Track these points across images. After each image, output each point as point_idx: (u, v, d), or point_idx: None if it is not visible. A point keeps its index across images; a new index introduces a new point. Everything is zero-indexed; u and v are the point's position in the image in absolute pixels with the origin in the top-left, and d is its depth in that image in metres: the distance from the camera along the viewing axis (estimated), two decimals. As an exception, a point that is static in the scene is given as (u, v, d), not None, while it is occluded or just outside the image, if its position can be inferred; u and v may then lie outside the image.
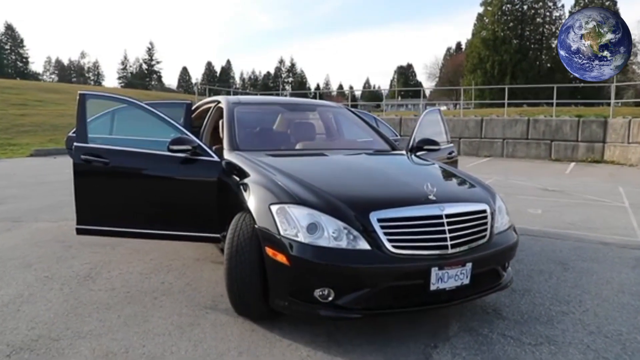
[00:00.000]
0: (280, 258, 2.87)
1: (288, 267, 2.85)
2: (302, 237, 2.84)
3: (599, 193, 9.35)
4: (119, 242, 5.02)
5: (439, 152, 5.09)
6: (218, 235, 3.95)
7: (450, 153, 5.66)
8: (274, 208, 3.01)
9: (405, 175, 3.79)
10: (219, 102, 4.97)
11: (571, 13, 52.64)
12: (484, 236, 3.18)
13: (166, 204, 4.08)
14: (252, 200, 3.23)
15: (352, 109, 5.57)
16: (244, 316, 3.30)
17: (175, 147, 3.88)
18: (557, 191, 9.62)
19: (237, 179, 3.64)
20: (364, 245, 2.83)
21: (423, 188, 3.16)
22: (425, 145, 4.74)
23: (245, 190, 3.40)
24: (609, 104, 22.10)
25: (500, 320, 3.40)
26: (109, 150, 4.09)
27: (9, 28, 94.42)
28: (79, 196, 4.08)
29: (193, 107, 5.87)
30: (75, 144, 4.09)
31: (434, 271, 2.88)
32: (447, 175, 3.86)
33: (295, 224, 2.89)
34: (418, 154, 4.66)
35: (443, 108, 36.79)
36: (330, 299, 2.84)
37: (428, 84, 78.07)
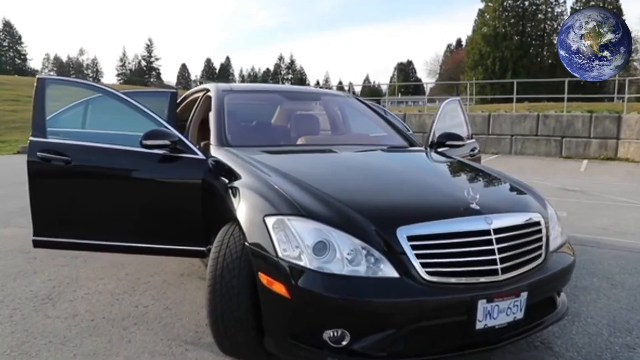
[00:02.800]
0: (278, 288, 2.16)
1: (288, 301, 2.14)
2: (307, 261, 2.14)
3: (623, 193, 8.65)
4: (92, 253, 4.32)
5: (461, 149, 4.40)
6: (203, 249, 3.25)
7: (472, 150, 4.96)
8: (269, 221, 2.30)
9: (437, 178, 3.10)
10: (207, 90, 4.25)
11: (573, 9, 52.11)
12: (539, 255, 2.49)
13: (140, 211, 3.37)
14: (242, 209, 2.53)
15: (361, 99, 4.83)
16: (231, 356, 2.60)
17: (149, 142, 3.17)
18: (577, 191, 8.92)
19: (225, 180, 2.94)
20: (389, 271, 2.13)
21: (463, 194, 2.45)
22: (447, 141, 4.03)
23: (234, 196, 2.70)
24: (611, 99, 21.38)
25: (554, 359, 2.71)
26: (71, 147, 3.38)
27: (7, 25, 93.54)
28: (35, 202, 3.37)
29: (180, 98, 5.19)
30: (30, 138, 3.39)
31: (481, 304, 2.19)
32: (486, 177, 3.14)
33: (297, 242, 2.18)
34: (439, 150, 3.97)
35: (444, 105, 35.89)
36: (344, 343, 2.14)
37: (428, 81, 77.25)
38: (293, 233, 2.20)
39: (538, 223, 2.56)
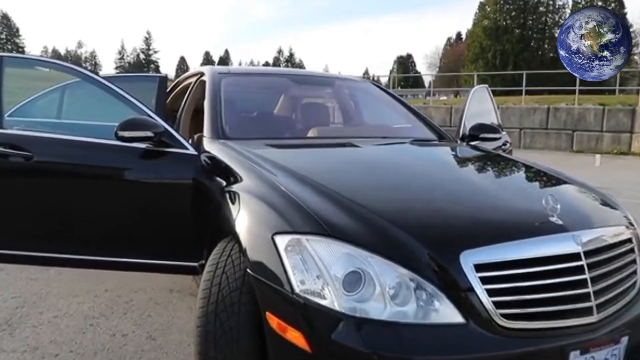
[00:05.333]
0: (294, 337, 1.55)
1: (308, 355, 1.53)
2: (334, 298, 1.52)
3: (649, 191, 8.06)
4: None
5: (494, 143, 3.78)
6: (195, 265, 2.64)
7: (504, 144, 4.36)
8: (281, 241, 1.68)
9: (498, 182, 2.47)
10: (202, 74, 3.61)
11: (574, 2, 51.61)
12: (634, 284, 1.89)
13: (118, 219, 2.76)
14: (242, 222, 1.91)
15: (379, 85, 4.19)
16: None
17: (126, 134, 2.54)
18: (602, 188, 8.26)
19: (222, 182, 2.33)
20: (449, 312, 1.52)
21: (539, 205, 1.83)
22: (481, 133, 3.41)
23: (232, 203, 2.09)
24: (612, 92, 20.74)
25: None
26: (32, 139, 2.76)
27: (5, 17, 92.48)
28: None
29: (172, 84, 4.59)
30: (-20, 129, 2.77)
31: (574, 357, 1.58)
32: (552, 179, 2.49)
33: (320, 271, 1.57)
34: (472, 144, 3.36)
35: (443, 98, 35.42)
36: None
37: (429, 75, 76.34)
38: (314, 259, 1.59)
39: (629, 240, 1.96)
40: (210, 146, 2.69)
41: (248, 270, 1.75)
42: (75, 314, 3.01)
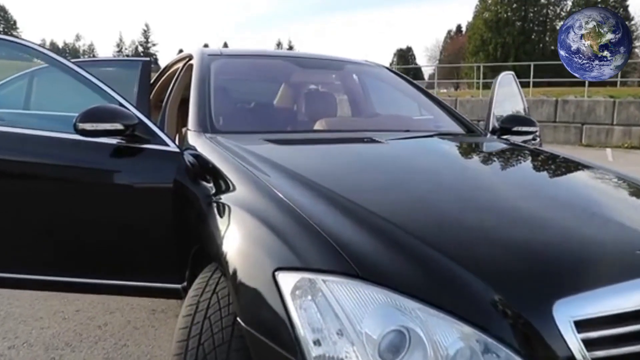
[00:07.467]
0: None
1: None
2: (367, 369, 1.02)
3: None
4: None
5: (525, 136, 3.28)
6: (177, 287, 2.14)
7: (534, 139, 3.85)
8: (286, 281, 1.16)
9: (575, 193, 1.92)
10: (190, 57, 3.09)
11: (575, -7, 51.29)
12: None
13: (82, 231, 2.25)
14: (232, 247, 1.40)
15: (394, 70, 3.65)
16: None
17: (88, 126, 2.02)
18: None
19: (208, 188, 1.82)
20: None
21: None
22: (515, 126, 2.92)
23: (220, 217, 1.59)
24: (613, 84, 20.27)
25: None
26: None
27: (2, 9, 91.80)
28: None
29: (159, 70, 4.09)
30: None
31: None
32: (624, 184, 1.97)
33: (344, 328, 1.06)
34: (504, 138, 2.87)
35: (443, 91, 34.90)
36: None
37: (429, 68, 75.79)
38: (334, 309, 1.07)
39: None
40: (196, 141, 2.18)
41: (238, 320, 1.24)
42: (35, 342, 2.51)
